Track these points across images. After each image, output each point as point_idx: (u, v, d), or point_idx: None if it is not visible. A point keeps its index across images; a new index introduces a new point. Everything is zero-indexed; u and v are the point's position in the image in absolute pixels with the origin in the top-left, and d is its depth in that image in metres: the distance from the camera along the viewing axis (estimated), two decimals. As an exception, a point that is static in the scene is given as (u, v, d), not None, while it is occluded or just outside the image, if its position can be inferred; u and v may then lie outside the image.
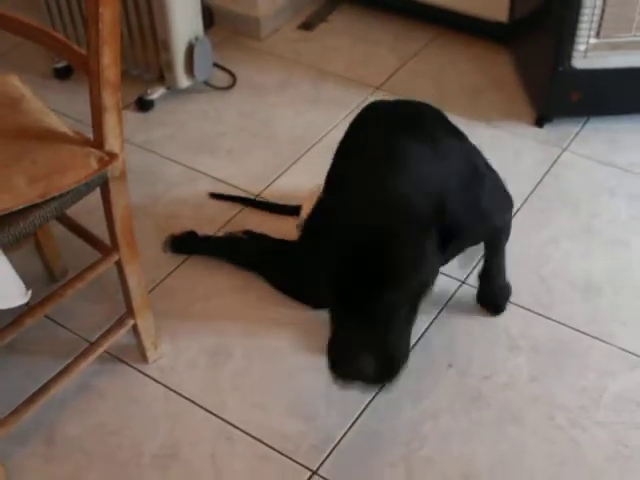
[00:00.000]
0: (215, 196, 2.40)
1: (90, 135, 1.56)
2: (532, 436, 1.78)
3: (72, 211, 1.84)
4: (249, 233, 2.24)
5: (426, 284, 1.54)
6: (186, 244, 2.24)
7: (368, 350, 1.46)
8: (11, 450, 1.75)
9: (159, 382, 1.91)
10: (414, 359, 1.87)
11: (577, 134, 2.63)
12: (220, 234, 2.27)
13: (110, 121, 1.49)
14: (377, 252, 1.45)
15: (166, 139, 2.67)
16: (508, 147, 2.59)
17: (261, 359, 1.96)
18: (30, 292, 1.33)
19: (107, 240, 1.73)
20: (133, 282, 1.75)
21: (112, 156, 1.52)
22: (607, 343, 1.98)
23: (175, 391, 1.89)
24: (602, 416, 1.82)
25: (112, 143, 1.52)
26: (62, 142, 1.52)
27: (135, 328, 1.86)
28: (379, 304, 1.46)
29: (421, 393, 1.34)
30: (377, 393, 1.85)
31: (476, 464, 1.74)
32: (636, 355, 1.95)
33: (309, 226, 1.63)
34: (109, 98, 1.46)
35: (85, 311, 2.07)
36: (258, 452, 1.77)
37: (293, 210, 2.28)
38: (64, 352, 1.92)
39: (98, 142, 1.52)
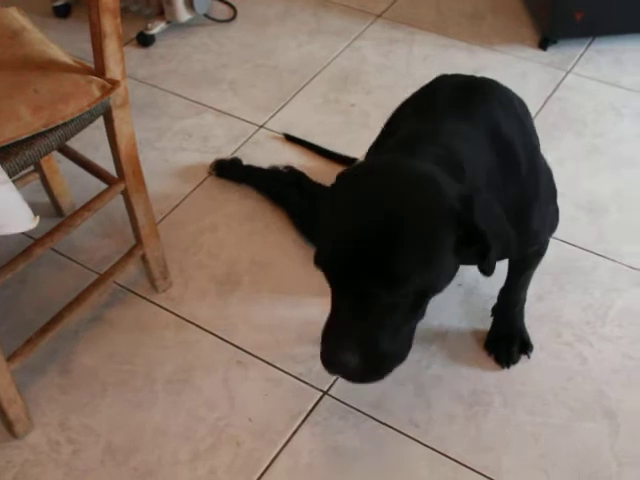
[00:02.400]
0: (289, 138, 2.39)
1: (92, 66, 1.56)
2: (540, 352, 1.81)
3: (78, 146, 1.86)
4: (290, 169, 2.24)
5: (433, 287, 1.29)
6: (230, 170, 2.27)
7: (356, 346, 1.27)
8: (27, 381, 1.78)
9: (170, 311, 1.93)
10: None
11: (581, 55, 2.62)
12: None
13: (110, 47, 1.49)
14: (381, 242, 1.21)
15: (169, 73, 2.66)
16: (512, 71, 2.57)
17: (270, 287, 1.98)
18: (38, 218, 1.34)
19: (114, 173, 1.74)
20: (140, 211, 1.76)
21: (114, 83, 1.51)
22: (613, 261, 1.99)
23: (186, 319, 1.91)
24: (608, 331, 1.85)
25: (113, 70, 1.52)
26: (64, 71, 1.52)
27: (144, 258, 1.87)
28: (374, 302, 1.25)
29: (430, 313, 1.34)
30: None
31: (485, 380, 1.77)
32: (642, 271, 1.97)
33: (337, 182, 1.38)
34: (108, 24, 1.46)
35: (94, 245, 2.09)
36: (270, 375, 1.80)
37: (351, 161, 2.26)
38: (75, 286, 1.94)
39: (99, 70, 1.52)
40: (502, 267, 1.73)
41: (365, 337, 1.27)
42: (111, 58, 1.50)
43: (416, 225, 1.22)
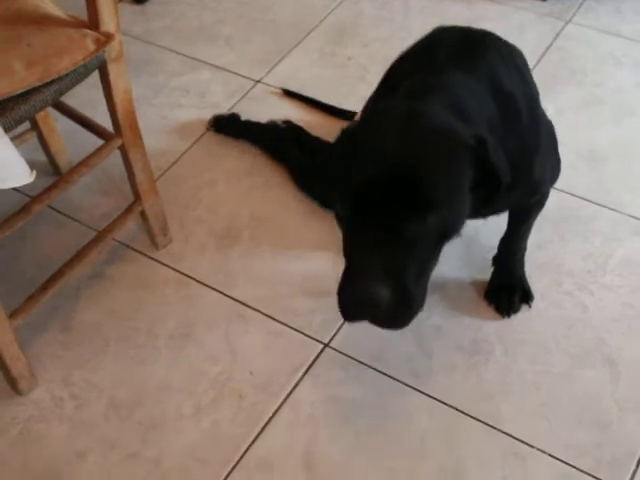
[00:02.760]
0: (287, 92, 2.38)
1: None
2: (540, 301, 1.81)
3: (75, 105, 1.85)
4: (289, 124, 2.23)
5: (455, 224, 1.31)
6: (228, 125, 2.26)
7: (386, 278, 1.24)
8: (29, 338, 1.79)
9: (170, 267, 1.93)
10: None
11: (581, 5, 2.59)
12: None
13: (103, 0, 1.47)
14: (411, 171, 1.23)
15: (164, 30, 2.64)
16: (511, 22, 2.55)
17: (269, 241, 1.97)
18: (35, 172, 1.34)
19: (112, 130, 1.73)
20: (138, 167, 1.76)
21: (108, 36, 1.50)
22: (613, 210, 1.99)
23: (186, 274, 1.91)
24: (608, 280, 1.85)
25: (107, 23, 1.50)
26: (57, 25, 1.51)
27: (143, 214, 1.87)
28: (405, 230, 1.25)
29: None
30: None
31: (485, 329, 1.77)
32: (642, 220, 1.97)
33: (344, 132, 1.39)
34: (101, -24, 1.44)
35: (93, 202, 2.08)
36: (271, 329, 1.80)
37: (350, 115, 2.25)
38: (75, 243, 1.93)
39: (93, 23, 1.50)
40: (502, 217, 1.73)
41: (394, 270, 1.26)
42: (105, 11, 1.49)
43: (440, 157, 1.27)
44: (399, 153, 1.25)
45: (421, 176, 1.24)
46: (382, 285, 1.24)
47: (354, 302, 1.29)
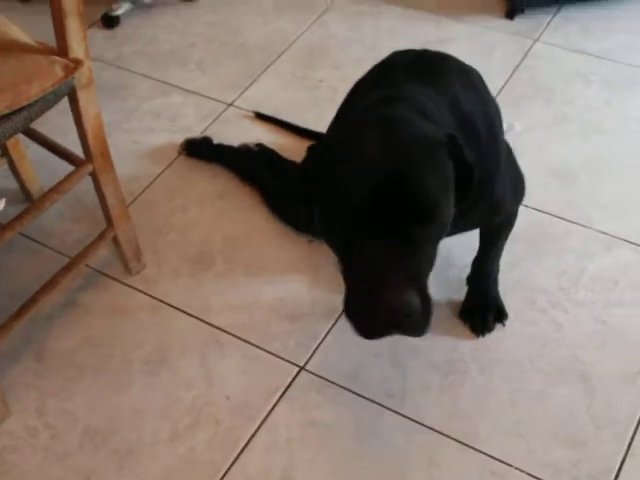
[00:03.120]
0: (259, 115, 2.38)
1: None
2: (515, 320, 1.82)
3: (46, 132, 1.84)
4: (261, 147, 2.23)
5: (448, 224, 1.31)
6: (200, 149, 2.26)
7: (411, 282, 1.23)
8: (3, 368, 1.77)
9: (144, 292, 1.92)
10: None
11: (549, 24, 2.62)
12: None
13: (72, 26, 1.47)
14: (405, 179, 1.22)
15: (135, 54, 2.63)
16: (480, 41, 2.57)
17: (243, 265, 1.97)
18: (4, 200, 1.33)
19: (82, 155, 1.73)
20: (109, 192, 1.75)
21: (77, 62, 1.50)
22: (584, 227, 2.01)
23: (161, 300, 1.91)
24: (582, 296, 1.86)
25: (76, 50, 1.50)
26: (26, 52, 1.50)
27: (116, 240, 1.86)
28: (413, 237, 1.24)
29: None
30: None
31: (461, 349, 1.78)
32: (612, 236, 1.98)
33: (314, 151, 1.38)
34: (69, 2, 1.43)
35: (66, 229, 2.07)
36: (247, 353, 1.80)
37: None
38: (48, 271, 1.91)
39: (62, 50, 1.50)
40: (474, 234, 1.74)
41: (414, 276, 1.24)
42: (73, 37, 1.48)
43: (430, 160, 1.27)
44: (390, 162, 1.24)
45: (420, 182, 1.24)
46: (412, 293, 1.23)
47: (384, 316, 1.24)
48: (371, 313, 1.25)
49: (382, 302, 1.22)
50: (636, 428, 1.64)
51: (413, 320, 1.25)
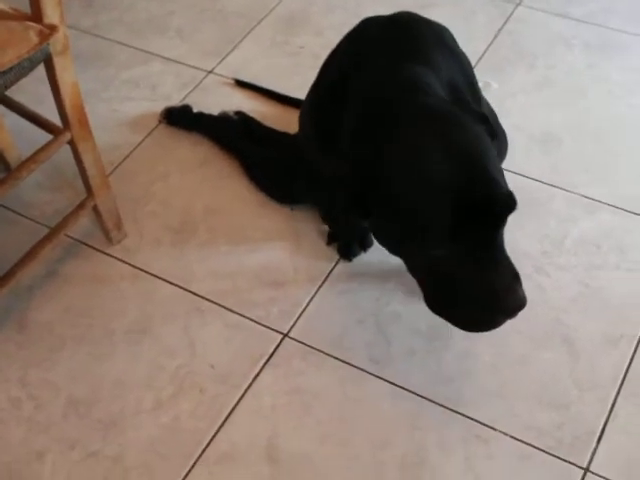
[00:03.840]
0: (239, 83, 2.35)
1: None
2: (497, 285, 1.82)
3: (23, 99, 1.81)
4: (241, 115, 2.20)
5: None
6: (180, 117, 2.23)
7: (516, 277, 1.39)
8: (-17, 339, 1.76)
9: (125, 262, 1.91)
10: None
11: (531, -12, 2.60)
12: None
13: (46, -9, 1.44)
14: (485, 174, 1.33)
15: (113, 22, 2.60)
16: (461, 6, 2.55)
17: (225, 233, 1.96)
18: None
19: (60, 123, 1.70)
20: (88, 161, 1.73)
21: (52, 28, 1.47)
22: (567, 191, 2.00)
23: (142, 269, 1.89)
24: (565, 260, 1.86)
25: (51, 15, 1.47)
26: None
27: (96, 209, 1.84)
28: (499, 235, 1.39)
29: (382, 248, 1.36)
30: (339, 260, 1.88)
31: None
32: (596, 200, 1.98)
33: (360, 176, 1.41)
34: (43, -33, 1.41)
35: (46, 199, 2.05)
36: (229, 321, 1.79)
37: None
38: (28, 241, 1.89)
39: (36, 15, 1.47)
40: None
41: (513, 272, 1.38)
42: (47, 3, 1.45)
43: (490, 152, 1.38)
44: (465, 174, 1.31)
45: (497, 183, 1.33)
46: (522, 289, 1.37)
47: (506, 314, 1.38)
48: (493, 318, 1.40)
49: (505, 308, 1.36)
50: (618, 391, 1.65)
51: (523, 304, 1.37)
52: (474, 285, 1.36)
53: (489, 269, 1.35)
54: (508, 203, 1.34)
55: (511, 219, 1.91)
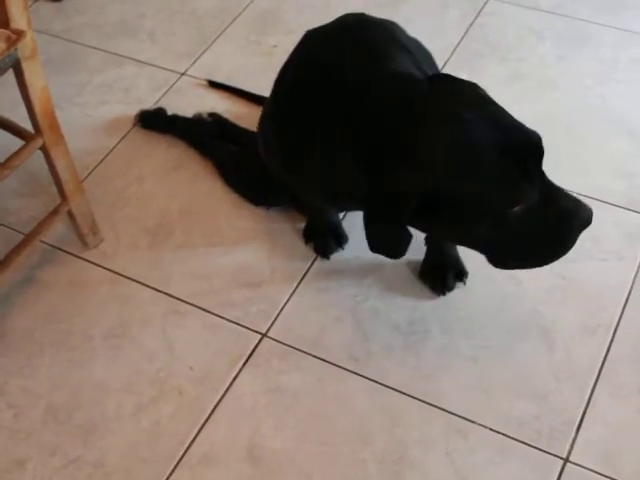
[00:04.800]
0: (212, 84, 2.35)
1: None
2: (474, 278, 1.82)
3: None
4: (214, 116, 2.20)
5: None
6: (154, 120, 2.22)
7: None
8: (-38, 348, 1.76)
9: (102, 266, 1.91)
10: (352, 215, 1.91)
11: (501, -19, 2.61)
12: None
13: (12, -3, 1.44)
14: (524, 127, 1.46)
15: (85, 26, 2.58)
16: (433, 1, 2.55)
17: (202, 235, 1.96)
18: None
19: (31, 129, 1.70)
20: (61, 166, 1.72)
21: (19, 34, 1.46)
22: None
23: (119, 273, 1.89)
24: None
25: (17, 20, 1.46)
26: (-35, 26, 1.47)
27: (71, 214, 1.84)
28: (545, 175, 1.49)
29: (364, 246, 1.37)
30: (316, 258, 1.89)
31: (422, 309, 1.78)
32: (568, 190, 1.97)
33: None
34: (8, -28, 1.40)
35: (21, 206, 2.04)
36: (207, 322, 1.79)
37: None
38: (3, 249, 1.89)
39: (3, 21, 1.46)
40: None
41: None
42: (14, 7, 1.44)
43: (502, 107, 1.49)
44: (500, 120, 1.43)
45: (523, 124, 1.45)
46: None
47: (584, 226, 1.48)
48: (572, 236, 1.49)
49: (583, 220, 1.47)
50: (596, 380, 1.66)
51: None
52: (548, 215, 1.44)
53: (557, 194, 1.46)
54: (538, 135, 1.44)
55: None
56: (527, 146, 1.41)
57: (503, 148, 1.37)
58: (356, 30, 1.63)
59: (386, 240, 1.50)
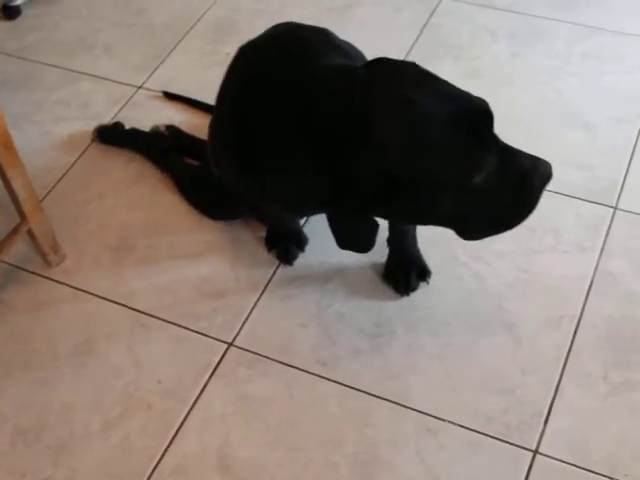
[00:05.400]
0: (168, 95, 2.34)
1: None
2: (437, 276, 1.83)
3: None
4: (171, 129, 2.20)
5: None
6: (112, 135, 2.21)
7: None
8: None
9: (66, 284, 1.90)
10: (313, 221, 1.91)
11: (453, -19, 2.62)
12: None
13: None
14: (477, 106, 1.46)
15: (40, 44, 2.57)
16: (386, 3, 2.56)
17: (164, 248, 1.95)
18: None
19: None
20: (18, 186, 1.71)
21: (-34, 55, 1.46)
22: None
23: (83, 290, 1.88)
24: (501, 247, 1.87)
25: (-36, 42, 1.46)
26: None
27: (31, 233, 1.83)
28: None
29: (327, 250, 1.37)
30: (279, 265, 1.89)
31: (386, 310, 1.79)
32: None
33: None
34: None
35: (-21, 228, 2.03)
36: (173, 335, 1.78)
37: None
38: (-35, 271, 1.89)
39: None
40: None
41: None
42: (-41, 30, 1.44)
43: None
44: (448, 93, 1.43)
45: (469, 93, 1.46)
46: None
47: (545, 184, 1.47)
48: (536, 194, 1.47)
49: (544, 176, 1.46)
50: (562, 371, 1.67)
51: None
52: (509, 177, 1.44)
53: (514, 155, 1.46)
54: (484, 101, 1.45)
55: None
56: (476, 114, 1.42)
57: (454, 120, 1.38)
58: (290, 37, 1.66)
59: (354, 233, 1.50)
